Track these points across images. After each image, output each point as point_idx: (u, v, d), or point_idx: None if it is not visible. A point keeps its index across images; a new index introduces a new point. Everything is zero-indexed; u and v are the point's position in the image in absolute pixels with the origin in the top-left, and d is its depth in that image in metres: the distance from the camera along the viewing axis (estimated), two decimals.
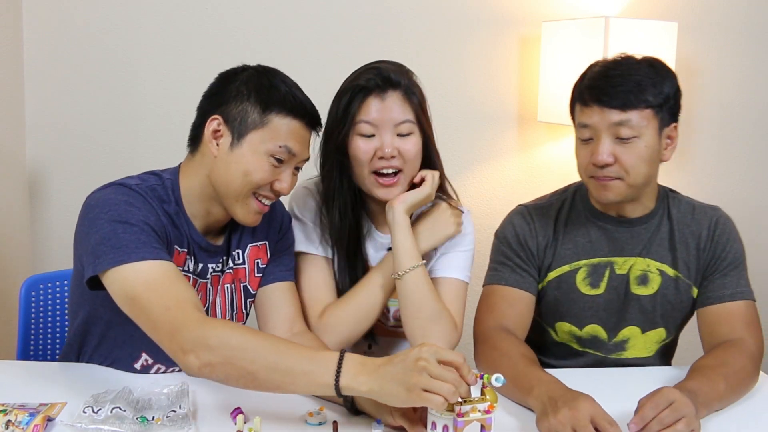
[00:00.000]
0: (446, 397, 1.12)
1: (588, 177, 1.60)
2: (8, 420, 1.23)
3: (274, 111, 1.43)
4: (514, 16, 2.62)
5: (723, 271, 1.63)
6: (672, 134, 1.59)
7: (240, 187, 1.43)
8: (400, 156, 1.57)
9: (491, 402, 1.20)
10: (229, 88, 1.46)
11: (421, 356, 1.15)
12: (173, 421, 1.26)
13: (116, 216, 1.35)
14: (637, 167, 1.54)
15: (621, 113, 1.51)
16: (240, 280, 1.59)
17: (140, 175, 1.50)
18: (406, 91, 1.58)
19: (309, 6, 2.53)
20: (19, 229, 2.45)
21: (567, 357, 1.74)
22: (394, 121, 1.56)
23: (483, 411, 1.19)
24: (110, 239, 1.32)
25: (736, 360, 1.48)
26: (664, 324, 1.69)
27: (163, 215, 1.43)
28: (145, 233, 1.35)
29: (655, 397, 1.25)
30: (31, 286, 1.80)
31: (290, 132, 1.44)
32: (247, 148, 1.43)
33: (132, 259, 1.31)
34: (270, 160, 1.43)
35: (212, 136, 1.45)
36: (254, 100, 1.43)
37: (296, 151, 1.45)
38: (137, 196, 1.40)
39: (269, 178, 1.45)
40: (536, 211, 1.72)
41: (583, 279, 1.67)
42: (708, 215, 1.68)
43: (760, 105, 2.78)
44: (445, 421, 1.18)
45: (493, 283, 1.68)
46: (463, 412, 1.17)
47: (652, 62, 1.58)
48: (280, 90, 1.45)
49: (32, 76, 2.47)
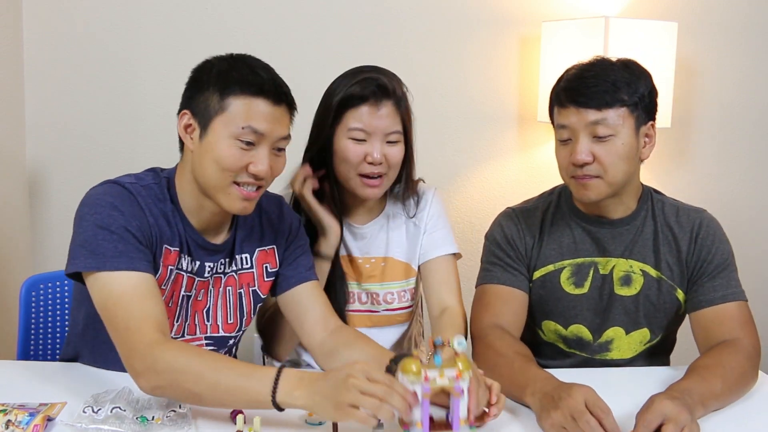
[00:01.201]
0: (374, 411, 1.14)
1: (569, 177, 1.62)
2: (8, 420, 1.23)
3: (232, 93, 1.39)
4: (514, 16, 2.62)
5: (711, 274, 1.63)
6: (649, 133, 1.62)
7: (216, 177, 1.42)
8: (386, 162, 1.68)
9: (462, 369, 1.20)
10: (194, 81, 1.45)
11: (351, 373, 1.18)
12: (173, 421, 1.27)
13: (99, 220, 1.38)
14: (615, 165, 1.56)
15: (597, 112, 1.54)
16: (249, 285, 1.59)
17: (141, 172, 1.51)
18: (397, 102, 1.69)
19: (309, 6, 2.54)
20: (19, 229, 2.45)
21: (555, 357, 1.75)
22: (385, 131, 1.67)
23: (451, 378, 1.18)
24: (89, 243, 1.37)
25: (733, 359, 1.48)
26: (648, 325, 1.69)
27: (151, 215, 1.43)
28: (124, 241, 1.37)
29: (647, 415, 1.24)
30: (31, 286, 1.80)
31: (252, 111, 1.39)
32: (213, 136, 1.40)
33: (106, 267, 1.35)
34: (237, 143, 1.40)
35: (185, 131, 1.45)
36: (213, 87, 1.41)
37: (263, 129, 1.40)
38: (127, 197, 1.42)
39: (240, 162, 1.40)
40: (522, 214, 1.75)
41: (567, 278, 1.69)
42: (691, 218, 1.68)
43: (760, 105, 2.78)
44: (414, 387, 1.18)
45: (486, 282, 1.70)
46: (431, 377, 1.17)
47: (627, 63, 1.61)
48: (238, 71, 1.41)
49: (32, 76, 2.47)
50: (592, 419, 1.21)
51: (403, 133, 1.71)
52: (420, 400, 1.18)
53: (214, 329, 1.56)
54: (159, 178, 1.50)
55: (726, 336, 1.56)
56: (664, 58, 2.40)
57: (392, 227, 1.85)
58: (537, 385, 1.36)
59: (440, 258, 1.82)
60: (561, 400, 1.26)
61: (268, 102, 1.41)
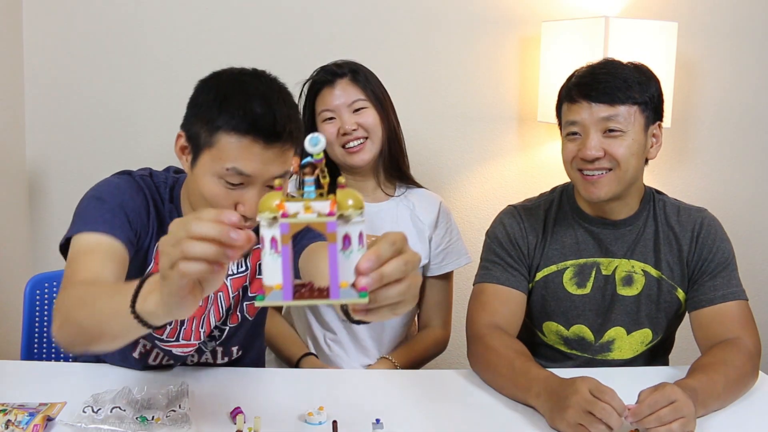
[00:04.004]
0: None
1: (575, 171, 1.61)
2: (8, 420, 1.23)
3: (221, 129, 1.27)
4: (514, 16, 2.62)
5: (712, 273, 1.63)
6: (656, 133, 1.63)
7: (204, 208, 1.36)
8: (361, 127, 1.84)
9: (340, 201, 0.81)
10: (193, 102, 1.35)
11: (169, 237, 0.91)
12: (173, 420, 1.27)
13: (97, 193, 1.39)
14: (628, 159, 1.57)
15: (609, 108, 1.55)
16: (241, 284, 1.57)
17: (161, 170, 1.53)
18: (352, 77, 1.86)
19: (309, 6, 2.53)
20: (19, 229, 2.45)
21: (555, 360, 1.75)
22: (346, 102, 1.85)
23: (322, 213, 0.80)
24: (82, 212, 1.37)
25: (736, 358, 1.49)
26: (649, 325, 1.69)
27: (154, 208, 1.43)
28: (112, 211, 1.35)
29: (656, 393, 1.25)
30: (35, 285, 1.80)
31: (239, 151, 1.26)
32: (200, 169, 1.31)
33: (86, 228, 1.33)
34: (222, 183, 1.29)
35: (182, 153, 1.38)
36: (204, 117, 1.29)
37: (251, 172, 1.27)
38: (133, 184, 1.42)
39: (227, 201, 1.30)
40: (525, 212, 1.74)
41: (569, 279, 1.69)
42: (693, 217, 1.68)
43: (760, 105, 2.78)
44: (272, 232, 0.81)
45: (484, 281, 1.69)
46: (290, 212, 0.81)
47: (638, 65, 1.63)
48: (231, 102, 1.27)
49: (32, 76, 2.47)
50: (607, 406, 1.22)
51: (371, 101, 1.86)
52: (279, 248, 0.81)
53: (207, 332, 1.55)
54: (169, 177, 1.49)
55: (727, 335, 1.56)
56: (664, 58, 2.40)
57: (400, 217, 1.93)
58: (540, 386, 1.36)
59: (441, 276, 1.97)
60: (569, 398, 1.27)
61: (260, 142, 1.26)
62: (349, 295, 0.81)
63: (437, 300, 1.98)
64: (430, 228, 1.94)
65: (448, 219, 1.98)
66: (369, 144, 1.85)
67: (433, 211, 1.95)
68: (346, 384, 1.58)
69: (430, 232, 1.94)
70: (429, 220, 1.94)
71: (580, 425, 1.25)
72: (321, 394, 1.46)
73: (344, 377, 1.70)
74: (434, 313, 1.98)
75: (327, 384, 1.57)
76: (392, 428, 1.29)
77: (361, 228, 0.81)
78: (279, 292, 0.81)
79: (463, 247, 2.00)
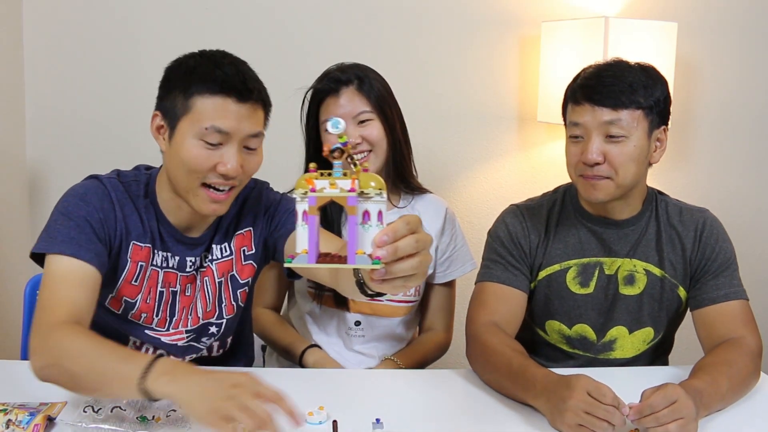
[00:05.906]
0: (247, 428, 1.05)
1: (577, 176, 1.62)
2: (9, 419, 1.23)
3: (196, 92, 1.36)
4: (514, 16, 2.62)
5: (714, 273, 1.64)
6: (661, 137, 1.62)
7: (184, 179, 1.40)
8: (365, 141, 1.78)
9: (359, 178, 0.95)
10: (164, 81, 1.44)
11: (239, 383, 1.09)
12: (173, 420, 1.27)
13: (63, 208, 1.43)
14: (626, 167, 1.56)
15: (612, 112, 1.54)
16: (228, 271, 1.57)
17: (130, 170, 1.55)
18: (358, 85, 1.78)
19: (309, 6, 2.54)
20: (20, 229, 2.45)
21: (557, 359, 1.75)
22: (351, 114, 1.77)
23: (345, 189, 0.95)
24: (50, 227, 1.41)
25: (739, 358, 1.49)
26: (651, 324, 1.70)
27: (122, 210, 1.45)
28: (79, 229, 1.39)
29: (657, 394, 1.25)
30: (35, 286, 1.79)
31: (215, 110, 1.36)
32: (179, 137, 1.38)
33: (53, 250, 1.38)
34: (202, 144, 1.37)
35: (158, 133, 1.45)
36: (179, 87, 1.38)
37: (228, 128, 1.36)
38: (100, 191, 1.45)
39: (207, 162, 1.38)
40: (528, 211, 1.74)
41: (573, 278, 1.69)
42: (695, 217, 1.69)
43: (760, 105, 2.78)
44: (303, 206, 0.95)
45: (485, 280, 1.69)
46: (318, 187, 0.95)
47: (645, 67, 1.61)
48: (203, 69, 1.38)
49: (32, 76, 2.47)
50: (609, 407, 1.23)
51: (377, 113, 1.78)
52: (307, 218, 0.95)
53: (194, 321, 1.56)
54: (140, 174, 1.52)
55: (730, 334, 1.56)
56: (663, 58, 2.40)
57: None
58: (538, 386, 1.36)
59: (445, 284, 1.96)
60: (566, 401, 1.27)
61: (234, 99, 1.36)
62: (364, 261, 0.93)
63: (440, 305, 1.97)
64: (436, 237, 1.91)
65: (453, 225, 1.95)
66: (372, 157, 1.80)
67: (439, 220, 1.92)
68: (346, 384, 1.58)
69: (436, 241, 1.91)
70: (435, 228, 1.91)
71: (580, 426, 1.25)
72: (321, 394, 1.47)
73: (344, 377, 1.70)
74: (437, 317, 1.97)
75: (327, 383, 1.57)
76: (392, 428, 1.29)
77: (380, 207, 0.94)
78: (304, 256, 0.94)
79: (468, 252, 1.98)
